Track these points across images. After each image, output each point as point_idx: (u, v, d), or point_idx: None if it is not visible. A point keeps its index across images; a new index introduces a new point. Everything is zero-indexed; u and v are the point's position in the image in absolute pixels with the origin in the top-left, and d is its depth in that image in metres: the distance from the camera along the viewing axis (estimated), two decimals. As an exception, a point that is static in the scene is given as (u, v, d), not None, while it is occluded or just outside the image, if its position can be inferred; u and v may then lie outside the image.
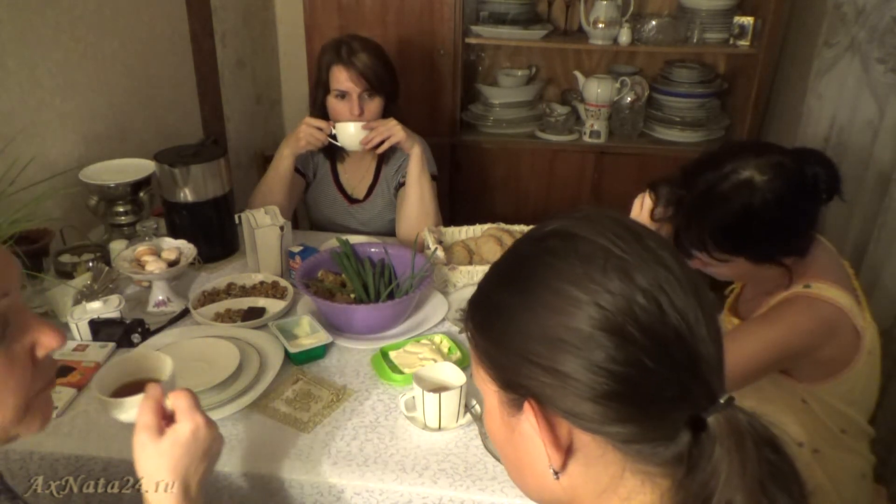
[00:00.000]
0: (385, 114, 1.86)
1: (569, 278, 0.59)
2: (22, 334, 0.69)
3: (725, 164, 1.18)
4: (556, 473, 0.61)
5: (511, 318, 0.61)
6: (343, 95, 1.82)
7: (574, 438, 0.60)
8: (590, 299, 0.57)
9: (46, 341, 0.70)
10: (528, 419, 0.60)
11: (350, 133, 1.79)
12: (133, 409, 0.84)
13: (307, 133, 1.79)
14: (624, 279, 0.57)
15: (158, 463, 0.80)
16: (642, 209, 1.33)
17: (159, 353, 1.02)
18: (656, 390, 0.56)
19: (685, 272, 0.60)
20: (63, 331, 0.72)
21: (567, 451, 0.61)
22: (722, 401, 0.56)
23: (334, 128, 1.80)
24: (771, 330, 1.21)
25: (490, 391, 0.65)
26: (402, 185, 1.92)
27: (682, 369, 0.57)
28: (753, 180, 1.15)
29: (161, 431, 0.80)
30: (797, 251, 1.22)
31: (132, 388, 0.96)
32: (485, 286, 0.67)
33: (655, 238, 0.62)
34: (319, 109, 1.87)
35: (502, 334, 0.62)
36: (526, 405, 0.60)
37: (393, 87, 1.87)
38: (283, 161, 1.84)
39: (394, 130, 1.79)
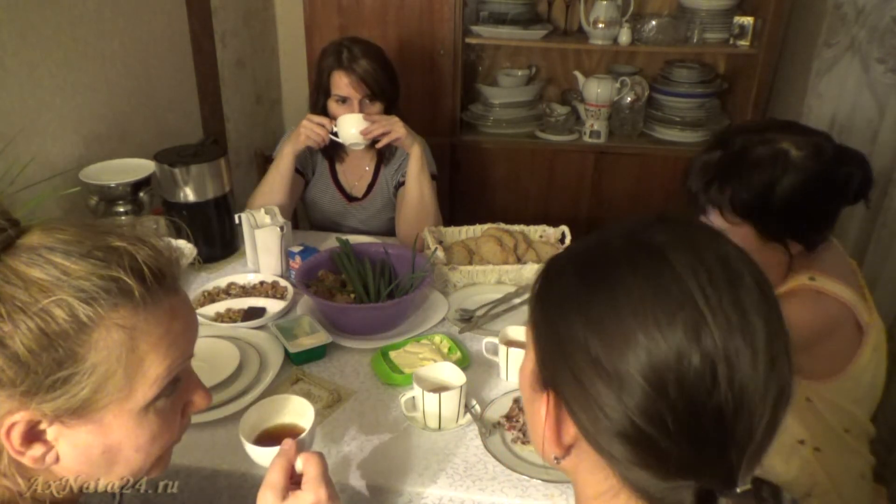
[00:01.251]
0: (385, 116, 1.86)
1: (633, 307, 0.54)
2: (183, 392, 0.73)
3: (768, 131, 1.18)
4: (556, 459, 0.62)
5: (568, 311, 0.58)
6: (344, 101, 1.82)
7: (578, 443, 0.60)
8: (645, 343, 0.53)
9: (199, 401, 0.75)
10: (544, 404, 0.61)
11: (351, 125, 1.79)
12: (269, 460, 0.85)
13: (308, 128, 1.79)
14: (689, 334, 0.52)
15: None
16: None
17: (304, 401, 1.03)
18: (671, 454, 0.53)
19: (769, 343, 0.54)
20: (210, 393, 0.77)
21: (567, 449, 0.61)
22: (739, 490, 0.53)
23: (335, 125, 1.80)
24: None
25: (529, 355, 0.65)
26: (401, 184, 1.92)
27: (707, 445, 0.53)
28: (790, 153, 1.14)
29: (284, 495, 0.80)
30: (807, 242, 1.20)
31: (275, 433, 1.01)
32: (563, 255, 0.64)
33: (756, 294, 0.55)
34: (320, 112, 1.87)
35: (554, 319, 0.60)
36: (546, 394, 0.60)
37: (393, 91, 1.88)
38: (284, 159, 1.84)
39: (395, 126, 1.80)
